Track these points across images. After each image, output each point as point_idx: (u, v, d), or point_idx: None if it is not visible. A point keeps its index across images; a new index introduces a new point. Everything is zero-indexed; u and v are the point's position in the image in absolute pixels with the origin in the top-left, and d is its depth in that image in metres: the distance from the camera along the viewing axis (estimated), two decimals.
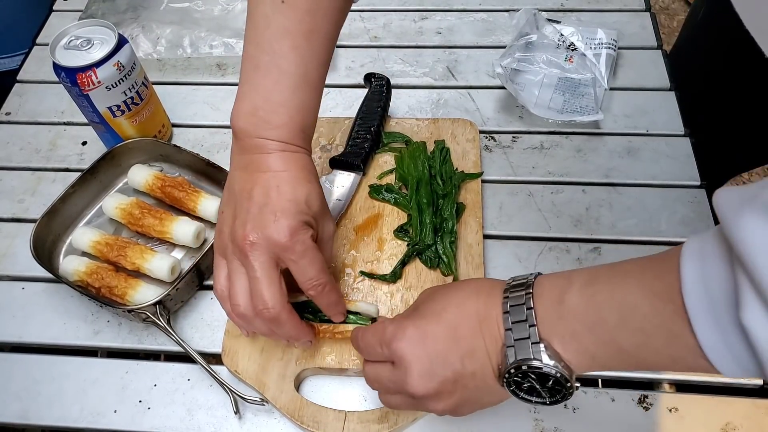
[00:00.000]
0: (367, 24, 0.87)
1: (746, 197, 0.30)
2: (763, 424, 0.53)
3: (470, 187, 0.66)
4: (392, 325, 0.44)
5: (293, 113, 0.48)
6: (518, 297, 0.40)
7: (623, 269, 0.38)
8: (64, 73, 0.62)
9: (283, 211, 0.46)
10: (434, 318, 0.43)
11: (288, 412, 0.53)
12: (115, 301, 0.59)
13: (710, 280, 0.32)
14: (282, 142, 0.48)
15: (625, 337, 0.36)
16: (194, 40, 0.82)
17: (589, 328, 0.37)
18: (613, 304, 0.36)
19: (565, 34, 0.79)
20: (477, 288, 0.44)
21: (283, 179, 0.48)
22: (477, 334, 0.41)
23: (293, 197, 0.47)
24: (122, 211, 0.64)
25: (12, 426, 0.57)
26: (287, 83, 0.48)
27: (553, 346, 0.38)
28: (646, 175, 0.69)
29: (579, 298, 0.38)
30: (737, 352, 0.31)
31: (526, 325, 0.39)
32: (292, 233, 0.46)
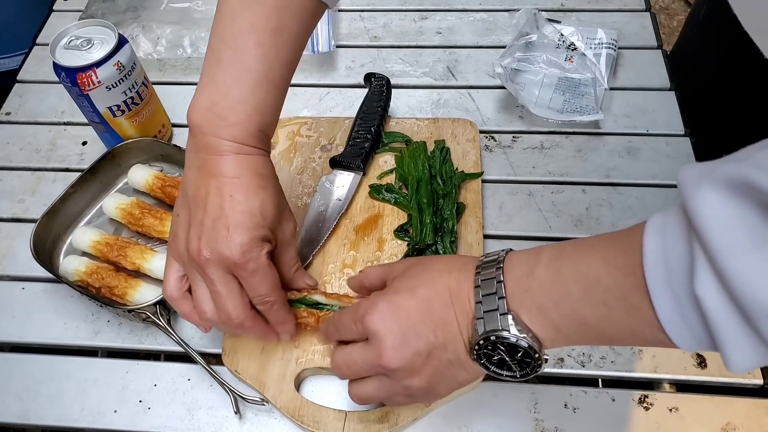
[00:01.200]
0: (367, 24, 0.87)
1: (704, 172, 0.30)
2: (763, 424, 0.53)
3: (470, 187, 0.66)
4: (366, 301, 0.45)
5: (251, 111, 0.47)
6: (489, 272, 0.41)
7: (588, 243, 0.39)
8: (64, 73, 0.62)
9: (236, 225, 0.45)
10: (407, 292, 0.43)
11: (288, 411, 0.53)
12: (115, 301, 0.59)
13: (669, 253, 0.32)
14: (237, 143, 0.47)
15: (588, 310, 0.37)
16: (194, 40, 0.82)
17: (554, 301, 0.38)
18: (578, 277, 0.37)
19: (565, 34, 0.79)
20: (449, 264, 0.44)
21: (236, 187, 0.46)
22: (449, 307, 0.42)
23: (247, 209, 0.46)
24: (122, 211, 0.64)
25: (12, 426, 0.57)
26: (248, 80, 0.46)
27: (521, 318, 0.39)
28: (646, 175, 0.69)
29: (546, 272, 0.39)
30: (692, 324, 0.31)
31: (495, 298, 0.40)
32: (244, 251, 0.45)
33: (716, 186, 0.29)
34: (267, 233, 0.48)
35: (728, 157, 0.31)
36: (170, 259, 0.50)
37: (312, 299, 0.54)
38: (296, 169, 0.70)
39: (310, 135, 0.73)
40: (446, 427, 0.54)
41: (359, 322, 0.44)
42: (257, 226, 0.47)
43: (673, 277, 0.32)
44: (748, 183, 0.28)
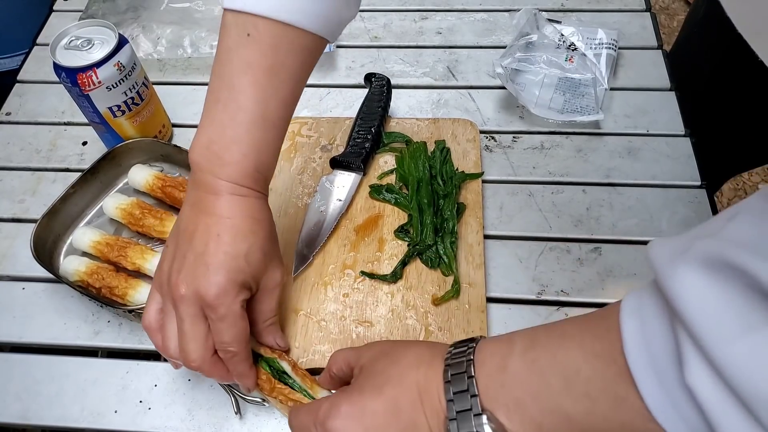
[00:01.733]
0: (368, 24, 0.87)
1: (678, 250, 0.29)
2: None
3: (471, 187, 0.66)
4: (327, 402, 0.42)
5: (246, 151, 0.46)
6: (459, 365, 0.38)
7: (562, 330, 0.36)
8: (64, 73, 0.62)
9: (217, 266, 0.45)
10: (373, 392, 0.40)
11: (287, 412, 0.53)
12: (115, 301, 0.59)
13: (651, 339, 0.30)
14: (232, 183, 0.46)
15: (571, 404, 0.34)
16: (195, 40, 0.82)
17: (532, 396, 0.35)
18: (556, 369, 0.35)
19: (565, 34, 0.79)
20: (418, 357, 0.41)
21: (226, 228, 0.46)
22: (418, 407, 0.39)
23: (231, 251, 0.45)
24: (123, 211, 0.64)
25: (12, 426, 0.57)
26: (243, 119, 0.45)
27: (497, 417, 0.36)
28: (646, 175, 0.69)
29: (521, 363, 0.36)
30: (685, 413, 0.29)
31: (467, 396, 0.37)
32: (218, 293, 0.44)
33: (693, 266, 0.27)
34: (247, 280, 0.47)
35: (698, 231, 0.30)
36: (153, 290, 0.50)
37: (280, 366, 0.53)
38: (296, 169, 0.70)
39: (310, 135, 0.73)
40: None
41: (320, 425, 0.41)
42: (238, 270, 0.46)
43: (659, 364, 0.30)
44: (727, 262, 0.26)
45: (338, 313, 0.59)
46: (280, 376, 0.53)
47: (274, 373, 0.53)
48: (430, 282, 0.60)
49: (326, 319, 0.58)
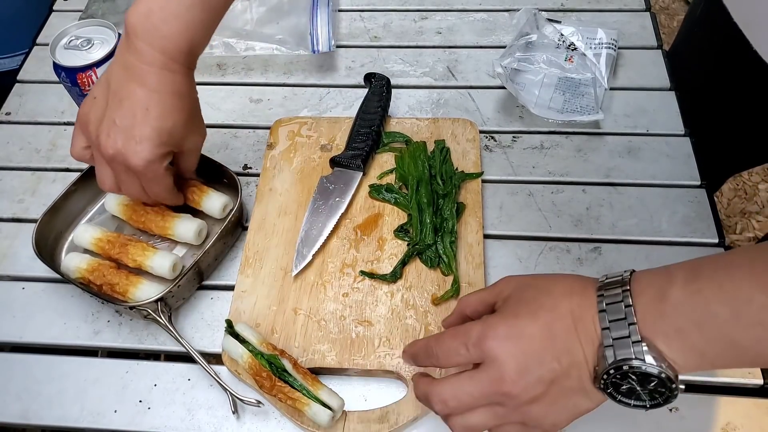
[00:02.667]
0: (367, 24, 0.87)
1: None
2: (763, 424, 0.53)
3: (470, 187, 0.66)
4: (479, 324, 0.42)
5: (183, 28, 0.50)
6: (614, 295, 0.38)
7: (730, 261, 0.37)
8: (64, 73, 0.62)
9: (144, 139, 0.51)
10: (528, 317, 0.41)
11: (287, 412, 0.53)
12: (116, 298, 0.59)
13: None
14: (164, 57, 0.50)
15: (741, 332, 0.35)
16: None
17: (697, 325, 0.36)
18: (724, 298, 0.35)
19: (565, 34, 0.79)
20: (570, 287, 0.42)
21: (154, 103, 0.51)
22: (572, 334, 0.39)
23: (158, 125, 0.51)
24: (124, 207, 0.64)
25: (12, 426, 0.57)
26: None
27: (656, 345, 0.37)
28: (646, 175, 0.69)
29: (683, 294, 0.36)
30: None
31: (625, 323, 0.37)
32: (145, 163, 0.52)
33: None
34: (170, 149, 0.54)
35: None
36: (78, 129, 0.55)
37: (281, 364, 0.53)
38: (296, 168, 0.70)
39: (310, 135, 0.73)
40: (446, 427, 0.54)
41: (475, 346, 0.41)
42: (162, 143, 0.52)
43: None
44: None
45: (338, 313, 0.59)
46: (280, 374, 0.53)
47: (274, 371, 0.53)
48: (429, 282, 0.60)
49: (326, 319, 0.58)
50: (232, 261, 0.64)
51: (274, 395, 0.52)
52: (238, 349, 0.54)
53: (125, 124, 0.51)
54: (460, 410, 0.42)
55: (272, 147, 0.71)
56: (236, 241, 0.65)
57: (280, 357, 0.53)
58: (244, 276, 0.62)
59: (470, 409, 0.42)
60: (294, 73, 0.82)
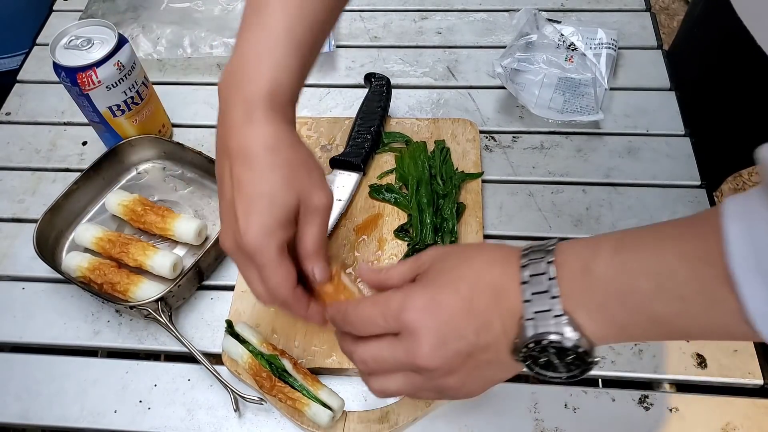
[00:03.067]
0: (367, 24, 0.87)
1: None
2: (763, 424, 0.53)
3: (470, 187, 0.66)
4: (399, 294, 0.41)
5: (265, 70, 0.44)
6: (537, 265, 0.38)
7: (656, 234, 0.36)
8: (64, 72, 0.62)
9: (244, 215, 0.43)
10: (448, 288, 0.40)
11: (288, 412, 0.53)
12: (117, 297, 0.59)
13: (759, 241, 0.30)
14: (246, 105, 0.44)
15: (662, 306, 0.34)
16: (194, 40, 0.82)
17: (619, 298, 0.35)
18: (648, 271, 0.34)
19: (565, 34, 0.79)
20: (491, 257, 0.41)
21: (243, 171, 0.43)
22: (492, 306, 0.39)
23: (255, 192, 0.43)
24: (125, 207, 0.64)
25: (12, 426, 0.57)
26: (267, 39, 0.45)
27: (577, 319, 0.36)
28: (646, 175, 0.69)
29: (608, 267, 0.36)
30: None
31: (547, 297, 0.36)
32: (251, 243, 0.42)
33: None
34: (277, 220, 0.43)
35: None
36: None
37: (281, 364, 0.53)
38: None
39: (310, 135, 0.73)
40: (446, 427, 0.54)
41: (393, 318, 0.40)
42: (264, 213, 0.43)
43: (764, 267, 0.30)
44: None
45: None
46: (280, 375, 0.53)
47: (274, 371, 0.53)
48: None
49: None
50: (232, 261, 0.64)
51: (274, 395, 0.52)
52: (238, 349, 0.54)
53: (227, 206, 0.44)
54: (379, 372, 0.42)
55: None
56: None
57: (280, 357, 0.54)
58: None
59: (389, 372, 0.42)
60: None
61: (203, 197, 0.68)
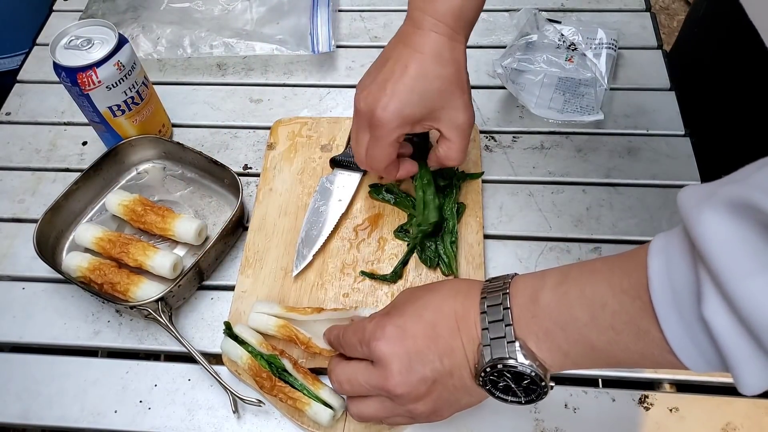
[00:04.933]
0: (367, 24, 0.87)
1: (705, 194, 0.30)
2: (763, 424, 0.53)
3: (471, 187, 0.66)
4: (371, 324, 0.44)
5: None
6: (495, 297, 0.41)
7: (593, 267, 0.39)
8: (64, 72, 0.62)
9: (392, 93, 0.50)
10: (413, 316, 0.43)
11: (288, 412, 0.53)
12: (117, 297, 0.59)
13: (675, 276, 0.32)
14: (435, 20, 0.50)
15: (596, 335, 0.37)
16: (194, 40, 0.82)
17: (561, 327, 0.38)
18: (584, 302, 0.37)
19: (565, 34, 0.79)
20: (455, 289, 0.44)
21: (415, 61, 0.50)
22: (455, 333, 0.42)
23: (411, 84, 0.50)
24: (125, 207, 0.64)
25: (12, 426, 0.57)
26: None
27: (528, 345, 0.39)
28: (646, 175, 0.69)
29: (551, 297, 0.39)
30: (702, 346, 0.31)
31: (502, 325, 0.39)
32: (383, 116, 0.50)
33: (718, 208, 0.29)
34: (415, 115, 0.51)
35: (727, 178, 0.31)
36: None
37: (281, 364, 0.53)
38: (296, 169, 0.70)
39: (310, 135, 0.73)
40: (446, 427, 0.54)
41: (365, 344, 0.44)
42: (409, 103, 0.50)
43: (680, 299, 0.32)
44: (750, 204, 0.28)
45: None
46: (280, 374, 0.53)
47: (274, 371, 0.53)
48: (430, 282, 0.60)
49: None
50: (233, 261, 0.64)
51: (275, 395, 0.52)
52: (238, 350, 0.54)
53: (383, 78, 0.51)
54: (353, 394, 0.46)
55: (272, 147, 0.71)
56: (236, 241, 0.65)
57: (280, 357, 0.53)
58: (244, 276, 0.62)
59: (363, 396, 0.45)
60: (294, 73, 0.82)
61: (203, 197, 0.68)
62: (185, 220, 0.63)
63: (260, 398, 0.54)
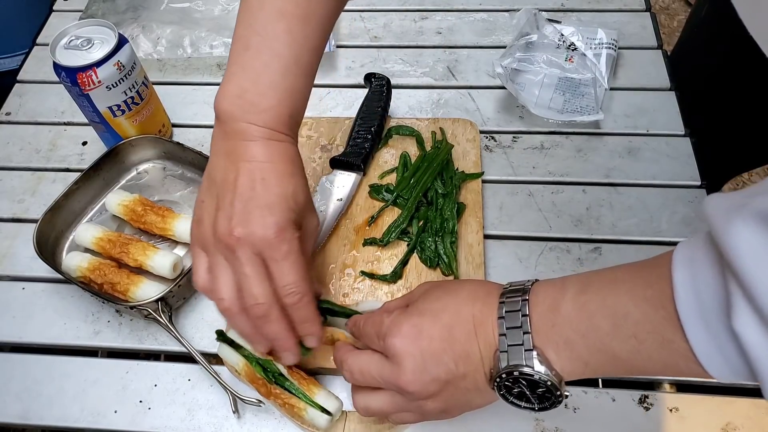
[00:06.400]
0: (367, 24, 0.87)
1: (735, 205, 0.30)
2: (763, 424, 0.53)
3: (471, 187, 0.66)
4: (389, 319, 0.44)
5: (282, 97, 0.46)
6: (514, 303, 0.40)
7: (615, 277, 0.38)
8: (64, 72, 0.62)
9: (270, 206, 0.45)
10: (431, 317, 0.43)
11: (288, 412, 0.53)
12: (117, 297, 0.59)
13: (701, 287, 0.32)
14: (268, 129, 0.46)
15: (618, 344, 0.37)
16: (194, 40, 0.82)
17: (582, 336, 0.38)
18: (606, 312, 0.37)
19: (565, 34, 0.79)
20: (474, 292, 0.44)
21: (269, 171, 0.46)
22: (472, 338, 0.41)
23: (280, 192, 0.46)
24: (125, 207, 0.64)
25: (12, 426, 0.57)
26: (278, 66, 0.46)
27: (546, 354, 0.39)
28: (646, 175, 0.69)
29: (572, 306, 0.38)
30: (729, 356, 0.32)
31: (520, 332, 0.39)
32: (279, 231, 0.44)
33: (748, 220, 0.29)
34: (298, 219, 0.47)
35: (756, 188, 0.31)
36: (196, 249, 0.48)
37: (276, 368, 0.52)
38: None
39: (310, 135, 0.73)
40: (446, 427, 0.54)
41: (382, 339, 0.43)
42: (290, 209, 0.46)
43: (706, 310, 0.32)
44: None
45: None
46: (276, 379, 0.52)
47: (269, 376, 0.52)
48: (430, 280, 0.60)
49: None
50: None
51: (273, 400, 0.52)
52: (233, 356, 0.54)
53: (245, 199, 0.45)
54: (364, 385, 0.45)
55: None
56: None
57: (275, 362, 0.52)
58: None
59: (372, 388, 0.45)
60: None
61: None
62: (185, 220, 0.63)
63: (260, 398, 0.54)
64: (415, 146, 0.71)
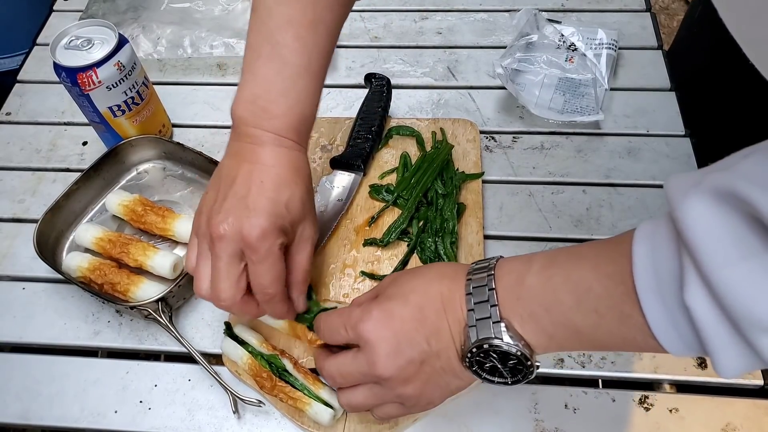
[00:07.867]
0: (368, 24, 0.87)
1: (691, 182, 0.31)
2: (763, 425, 0.53)
3: (471, 188, 0.66)
4: (358, 308, 0.44)
5: (292, 103, 0.48)
6: (480, 279, 0.41)
7: (580, 253, 0.39)
8: (64, 72, 0.62)
9: (260, 209, 0.46)
10: (400, 300, 0.43)
11: (288, 412, 0.53)
12: (117, 297, 0.59)
13: (660, 262, 0.33)
14: (277, 135, 0.48)
15: (580, 318, 0.37)
16: (195, 40, 0.82)
17: (546, 309, 0.38)
18: (569, 286, 0.37)
19: (565, 35, 0.79)
20: (441, 272, 0.44)
21: (269, 175, 0.47)
22: (441, 315, 0.42)
23: (274, 197, 0.47)
24: (125, 208, 0.64)
25: (12, 426, 0.57)
26: (288, 73, 0.48)
27: (513, 326, 0.39)
28: (646, 175, 0.69)
29: (537, 280, 0.39)
30: (683, 331, 0.32)
31: (487, 306, 0.40)
32: (260, 235, 0.45)
33: (703, 196, 0.29)
34: (286, 226, 0.48)
35: (714, 166, 0.31)
36: (192, 236, 0.50)
37: (281, 364, 0.53)
38: None
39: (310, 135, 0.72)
40: (446, 427, 0.54)
41: (352, 328, 0.43)
42: (279, 215, 0.47)
43: (663, 285, 0.32)
44: (734, 193, 0.28)
45: None
46: (281, 374, 0.53)
47: (274, 371, 0.53)
48: None
49: None
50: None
51: (275, 395, 0.52)
52: (238, 351, 0.54)
53: (239, 197, 0.46)
54: (346, 385, 0.45)
55: None
56: None
57: (281, 357, 0.54)
58: None
59: (354, 386, 0.45)
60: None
61: None
62: (185, 220, 0.63)
63: (260, 398, 0.54)
64: (416, 146, 0.71)
